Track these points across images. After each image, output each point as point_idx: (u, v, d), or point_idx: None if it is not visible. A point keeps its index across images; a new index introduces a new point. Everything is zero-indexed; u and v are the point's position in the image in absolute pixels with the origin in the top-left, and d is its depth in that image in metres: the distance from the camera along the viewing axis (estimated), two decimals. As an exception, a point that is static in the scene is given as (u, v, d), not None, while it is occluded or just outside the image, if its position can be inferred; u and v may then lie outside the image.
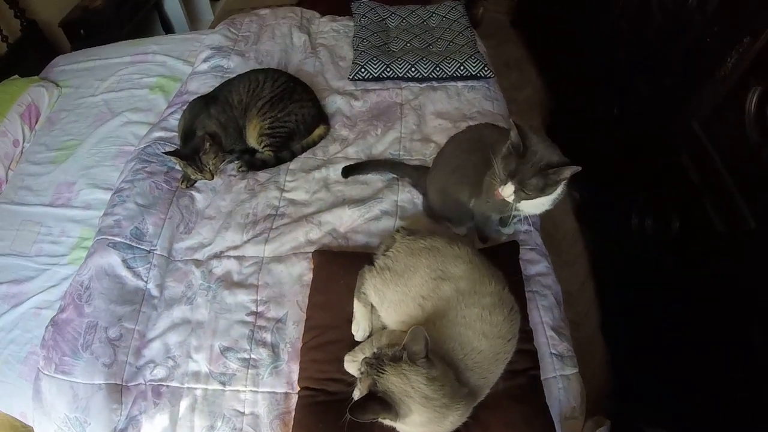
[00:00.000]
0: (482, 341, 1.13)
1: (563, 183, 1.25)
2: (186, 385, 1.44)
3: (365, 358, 1.08)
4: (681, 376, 1.57)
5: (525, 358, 1.31)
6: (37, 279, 1.77)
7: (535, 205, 1.35)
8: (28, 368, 1.57)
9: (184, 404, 1.41)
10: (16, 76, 2.45)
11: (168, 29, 3.48)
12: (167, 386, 1.45)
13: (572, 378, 1.41)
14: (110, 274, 1.60)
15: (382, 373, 1.01)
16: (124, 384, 1.46)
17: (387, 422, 1.05)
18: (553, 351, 1.43)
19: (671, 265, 1.63)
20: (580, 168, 1.17)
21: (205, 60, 2.35)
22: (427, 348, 1.01)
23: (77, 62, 2.61)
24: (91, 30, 2.87)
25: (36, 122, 2.33)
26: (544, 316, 1.48)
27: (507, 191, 1.25)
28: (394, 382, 1.00)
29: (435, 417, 1.02)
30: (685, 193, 1.55)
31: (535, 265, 1.58)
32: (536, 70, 3.12)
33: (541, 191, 1.23)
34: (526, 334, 1.34)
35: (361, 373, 1.06)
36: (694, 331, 1.52)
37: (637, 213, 1.82)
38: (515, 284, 1.33)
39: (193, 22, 3.69)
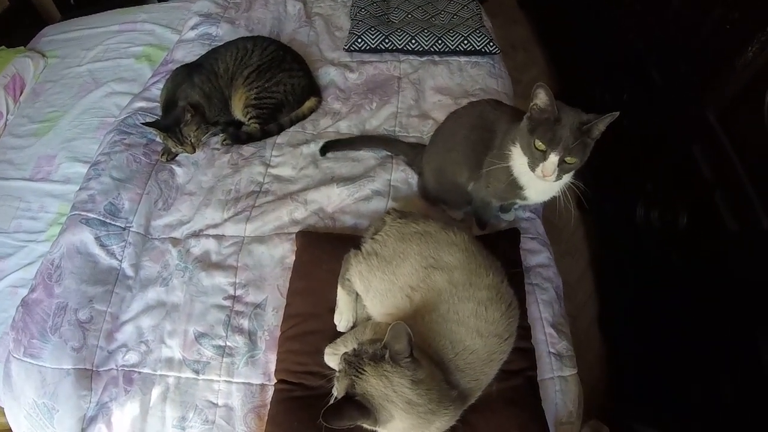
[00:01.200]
0: (476, 340, 1.04)
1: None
2: (158, 372, 1.37)
3: (344, 354, 0.99)
4: (680, 375, 1.51)
5: (521, 357, 1.22)
6: (14, 256, 1.73)
7: (544, 191, 1.26)
8: (2, 349, 1.50)
9: (155, 392, 1.34)
10: (3, 47, 2.38)
11: (163, -2, 3.35)
12: (139, 372, 1.37)
13: (570, 380, 1.33)
14: (82, 252, 1.52)
15: (361, 374, 0.92)
16: (94, 369, 1.39)
17: (367, 426, 0.95)
18: (552, 350, 1.35)
19: (676, 260, 1.56)
20: (617, 114, 1.06)
21: (192, 27, 2.24)
22: (411, 347, 0.91)
23: (65, 32, 2.55)
24: (82, -1, 2.78)
25: (20, 94, 2.27)
26: (543, 311, 1.39)
27: (550, 167, 1.11)
28: (374, 384, 0.90)
29: (419, 423, 0.93)
30: (696, 187, 1.47)
31: (536, 255, 1.50)
32: (543, 52, 3.05)
33: (584, 154, 1.12)
34: (523, 331, 1.25)
35: (339, 371, 0.97)
36: (695, 329, 1.46)
37: (644, 204, 1.75)
38: (515, 277, 1.25)
39: (190, -9, 3.54)
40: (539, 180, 1.16)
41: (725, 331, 1.34)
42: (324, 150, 1.73)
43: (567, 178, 1.20)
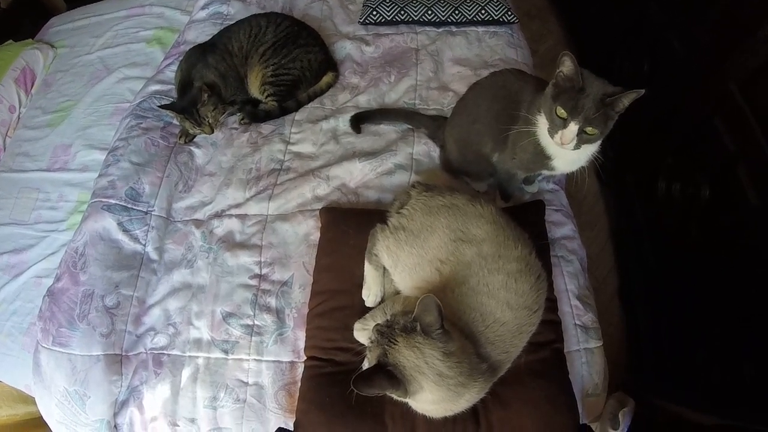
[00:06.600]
0: (506, 312, 1.02)
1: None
2: (188, 354, 1.38)
3: (377, 324, 0.98)
4: (700, 349, 1.49)
5: (549, 329, 1.22)
6: (36, 247, 1.73)
7: (572, 161, 1.24)
8: (30, 339, 1.52)
9: (185, 373, 1.35)
10: (11, 41, 2.36)
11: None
12: (168, 355, 1.39)
13: (596, 352, 1.33)
14: (105, 239, 1.52)
15: (394, 344, 0.91)
16: (123, 354, 1.40)
17: (396, 397, 0.95)
18: (578, 322, 1.34)
19: (697, 234, 1.53)
20: (643, 91, 1.03)
21: (203, 7, 2.20)
22: (442, 318, 0.89)
23: (72, 21, 2.52)
24: (87, -12, 2.75)
25: (32, 86, 2.27)
26: (569, 283, 1.38)
27: (568, 135, 1.10)
28: (406, 355, 0.89)
29: (449, 396, 0.93)
30: (718, 160, 1.44)
31: (561, 227, 1.48)
32: (559, 20, 2.96)
33: (605, 126, 1.10)
34: (550, 304, 1.23)
35: (371, 342, 0.96)
36: (715, 304, 1.44)
37: (665, 177, 1.71)
38: (541, 249, 1.22)
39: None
40: (567, 149, 1.14)
41: (745, 306, 1.32)
42: (355, 123, 1.69)
43: (594, 148, 1.19)
